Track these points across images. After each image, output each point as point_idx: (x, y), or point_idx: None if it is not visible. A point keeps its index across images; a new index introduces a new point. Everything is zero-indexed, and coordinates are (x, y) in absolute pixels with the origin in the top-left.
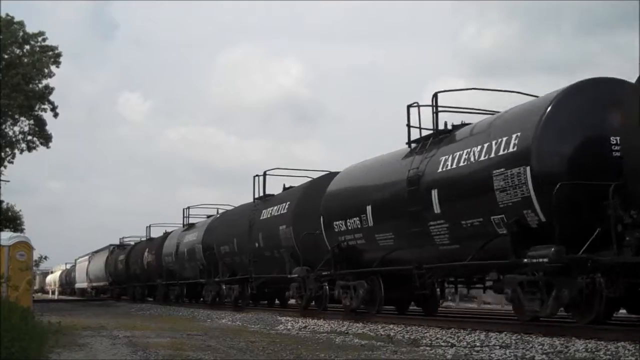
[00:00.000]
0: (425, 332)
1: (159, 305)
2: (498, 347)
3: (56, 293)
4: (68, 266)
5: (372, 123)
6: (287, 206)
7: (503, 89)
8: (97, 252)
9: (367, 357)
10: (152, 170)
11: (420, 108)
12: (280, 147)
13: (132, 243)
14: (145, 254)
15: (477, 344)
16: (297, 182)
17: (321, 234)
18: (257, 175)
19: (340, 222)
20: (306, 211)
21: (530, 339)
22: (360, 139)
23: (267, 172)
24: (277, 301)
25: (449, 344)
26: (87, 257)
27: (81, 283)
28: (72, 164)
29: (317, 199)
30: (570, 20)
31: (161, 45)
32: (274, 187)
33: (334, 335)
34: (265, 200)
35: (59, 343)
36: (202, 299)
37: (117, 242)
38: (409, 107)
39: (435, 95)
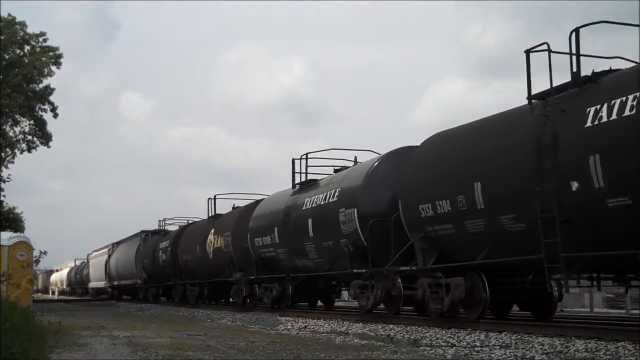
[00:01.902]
0: (425, 332)
1: (159, 306)
2: (498, 347)
3: (56, 293)
4: (78, 262)
5: (374, 123)
6: None
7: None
8: (120, 242)
9: (367, 357)
10: (153, 170)
11: None
12: (282, 147)
13: (178, 227)
14: (210, 237)
15: (477, 344)
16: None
17: None
18: (531, 51)
19: None
20: None
21: (530, 339)
22: (362, 139)
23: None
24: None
25: (449, 344)
26: (105, 249)
27: (97, 282)
28: (73, 164)
29: None
30: (574, 19)
31: (163, 45)
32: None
33: (334, 335)
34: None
35: (59, 343)
36: (361, 304)
37: (150, 228)
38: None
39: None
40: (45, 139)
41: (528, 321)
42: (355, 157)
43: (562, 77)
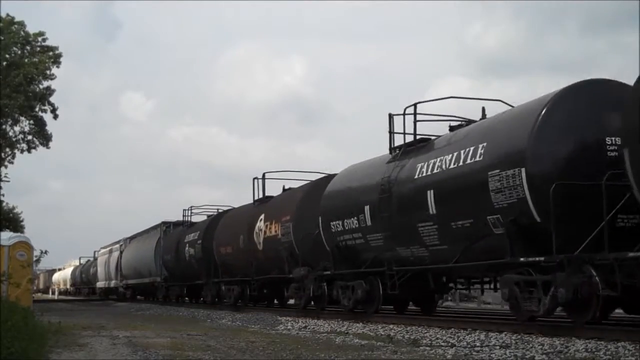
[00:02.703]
0: (425, 332)
1: (158, 305)
2: (498, 347)
3: (56, 293)
4: (83, 261)
5: (375, 122)
6: None
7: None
8: (135, 236)
9: (367, 357)
10: (154, 170)
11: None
12: (283, 147)
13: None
14: (259, 224)
15: (477, 344)
16: None
17: None
18: None
19: None
20: None
21: (530, 339)
22: (364, 139)
23: None
24: None
25: (449, 344)
26: (117, 245)
27: (107, 280)
28: (74, 164)
29: None
30: (576, 19)
31: (164, 44)
32: None
33: (334, 335)
34: None
35: (59, 343)
36: (526, 308)
37: (170, 220)
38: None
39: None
40: (45, 139)
41: (527, 321)
42: (483, 108)
43: None
